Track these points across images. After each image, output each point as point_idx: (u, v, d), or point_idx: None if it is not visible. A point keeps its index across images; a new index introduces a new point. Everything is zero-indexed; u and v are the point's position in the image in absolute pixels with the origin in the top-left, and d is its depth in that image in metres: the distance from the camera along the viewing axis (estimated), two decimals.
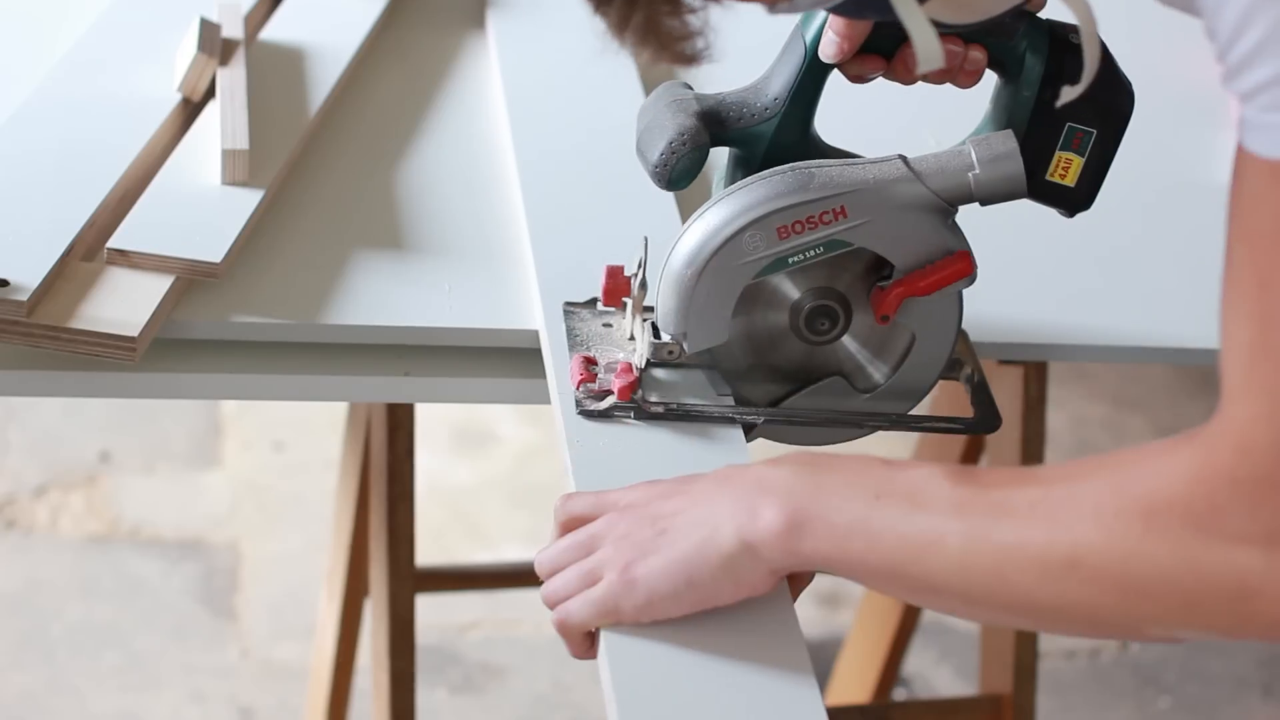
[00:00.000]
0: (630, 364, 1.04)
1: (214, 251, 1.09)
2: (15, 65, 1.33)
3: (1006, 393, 1.59)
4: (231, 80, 1.26)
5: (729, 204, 1.00)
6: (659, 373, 1.05)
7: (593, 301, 1.10)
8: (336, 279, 1.14)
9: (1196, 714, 2.19)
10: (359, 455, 1.65)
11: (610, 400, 1.02)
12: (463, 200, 1.26)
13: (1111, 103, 1.02)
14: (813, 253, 0.99)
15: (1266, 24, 0.75)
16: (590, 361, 1.05)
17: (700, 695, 0.87)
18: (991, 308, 1.24)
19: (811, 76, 1.01)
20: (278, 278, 1.13)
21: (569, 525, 0.93)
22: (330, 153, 1.29)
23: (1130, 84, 1.02)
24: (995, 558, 0.83)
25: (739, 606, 0.89)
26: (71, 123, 1.22)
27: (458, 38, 1.48)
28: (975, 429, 1.07)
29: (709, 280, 1.00)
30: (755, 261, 1.00)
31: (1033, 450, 1.59)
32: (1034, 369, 1.56)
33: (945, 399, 1.54)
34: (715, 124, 1.01)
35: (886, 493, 0.87)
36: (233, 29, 1.33)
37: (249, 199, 1.16)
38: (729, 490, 0.89)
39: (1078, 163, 1.03)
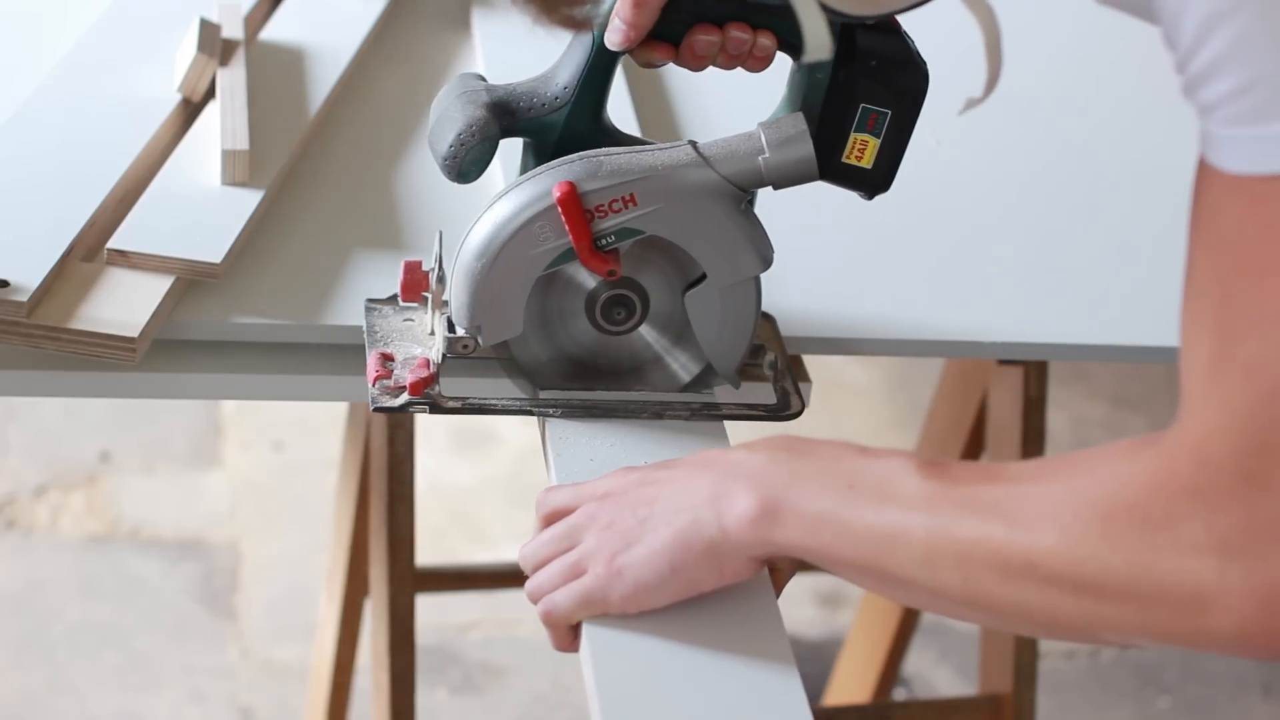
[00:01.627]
0: (427, 359, 1.04)
1: (214, 252, 1.09)
2: (16, 65, 1.33)
3: (1007, 393, 1.59)
4: (231, 80, 1.26)
5: (518, 194, 0.99)
6: (457, 366, 1.04)
7: (394, 298, 1.10)
8: (336, 279, 1.14)
9: (1196, 714, 2.19)
10: (359, 455, 1.65)
11: (404, 397, 1.02)
12: (462, 200, 1.26)
13: (905, 83, 1.00)
14: (605, 241, 0.99)
15: (1227, 36, 0.74)
16: (387, 358, 1.04)
17: (682, 686, 0.87)
18: (991, 308, 1.24)
19: (601, 65, 1.00)
20: (277, 278, 1.13)
21: (550, 518, 0.94)
22: (330, 153, 1.29)
23: (925, 64, 1.00)
24: (958, 554, 0.83)
25: (720, 597, 0.89)
26: (72, 123, 1.22)
27: (458, 37, 1.48)
28: (777, 416, 1.07)
29: (500, 272, 0.99)
30: (547, 252, 0.99)
31: (1033, 450, 1.59)
32: (1034, 369, 1.56)
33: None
34: (506, 115, 1.00)
35: (858, 483, 0.87)
36: (233, 29, 1.33)
37: (249, 199, 1.16)
38: (706, 476, 0.89)
39: (874, 144, 1.01)
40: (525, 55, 1.42)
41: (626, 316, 1.03)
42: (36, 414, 2.49)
